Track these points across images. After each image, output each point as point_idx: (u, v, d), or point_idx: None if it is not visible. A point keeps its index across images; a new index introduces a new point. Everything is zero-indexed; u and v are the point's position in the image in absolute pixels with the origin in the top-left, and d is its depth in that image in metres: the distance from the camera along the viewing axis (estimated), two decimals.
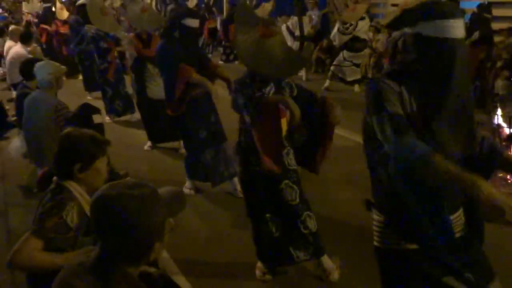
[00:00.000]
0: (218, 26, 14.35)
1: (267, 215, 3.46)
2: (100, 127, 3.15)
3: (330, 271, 3.56)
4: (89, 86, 9.51)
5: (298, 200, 3.43)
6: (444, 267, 2.04)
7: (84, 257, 1.60)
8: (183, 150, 5.99)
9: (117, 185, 1.54)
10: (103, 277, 1.50)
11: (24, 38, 8.77)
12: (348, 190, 5.23)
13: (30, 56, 7.55)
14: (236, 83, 3.39)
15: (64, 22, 11.58)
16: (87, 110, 3.27)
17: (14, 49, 8.76)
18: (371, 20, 10.65)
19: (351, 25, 9.98)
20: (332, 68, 10.32)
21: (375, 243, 2.24)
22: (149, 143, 6.74)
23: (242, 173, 3.54)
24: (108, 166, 2.43)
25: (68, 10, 11.69)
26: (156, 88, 6.12)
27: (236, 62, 11.77)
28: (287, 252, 3.48)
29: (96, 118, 3.23)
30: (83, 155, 2.27)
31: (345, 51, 10.01)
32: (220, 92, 4.76)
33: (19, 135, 5.33)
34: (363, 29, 9.92)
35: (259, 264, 3.65)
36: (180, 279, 3.58)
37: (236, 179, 5.00)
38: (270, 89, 3.37)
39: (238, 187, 4.90)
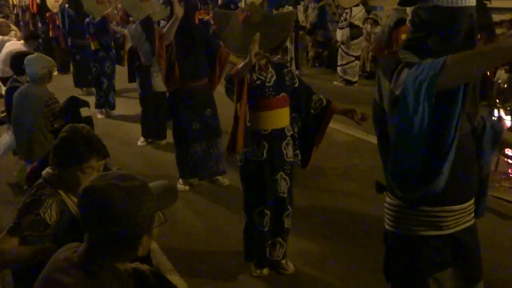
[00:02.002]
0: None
1: (262, 207, 3.41)
2: (88, 121, 3.04)
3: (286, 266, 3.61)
4: (79, 81, 9.36)
5: (286, 194, 3.42)
6: (441, 260, 2.05)
7: (70, 252, 1.55)
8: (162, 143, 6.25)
9: (106, 175, 1.50)
10: (90, 272, 1.46)
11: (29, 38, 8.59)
12: (346, 184, 5.21)
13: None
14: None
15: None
16: (75, 104, 3.16)
17: (8, 44, 8.61)
18: (368, 12, 10.56)
19: (346, 13, 9.95)
20: (338, 69, 10.25)
21: (387, 227, 2.17)
22: (142, 139, 6.65)
23: (242, 164, 3.46)
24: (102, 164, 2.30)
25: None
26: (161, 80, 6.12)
27: None
28: (265, 248, 3.50)
29: (84, 112, 3.12)
30: (64, 156, 2.16)
31: (341, 45, 9.98)
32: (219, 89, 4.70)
33: (8, 131, 5.23)
34: (357, 15, 9.89)
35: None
36: (173, 276, 3.52)
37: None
38: (271, 77, 3.34)
39: (221, 178, 5.15)
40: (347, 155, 5.97)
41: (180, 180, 5.13)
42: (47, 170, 2.23)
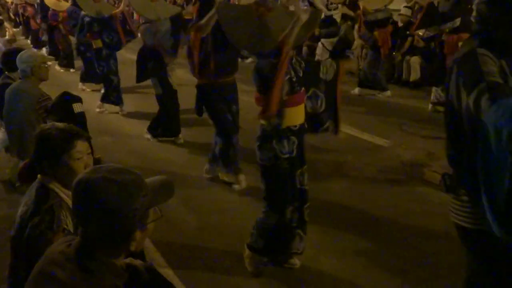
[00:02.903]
0: None
1: (287, 204, 3.41)
2: (81, 116, 3.04)
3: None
4: (88, 77, 9.34)
5: (308, 186, 3.49)
6: None
7: (65, 245, 1.54)
8: (180, 141, 6.31)
9: (99, 169, 1.49)
10: (84, 266, 1.46)
11: None
12: (339, 181, 5.21)
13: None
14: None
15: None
16: (67, 99, 3.14)
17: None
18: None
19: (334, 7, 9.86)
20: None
21: (464, 224, 2.15)
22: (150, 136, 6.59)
23: (264, 160, 3.40)
24: (92, 158, 2.28)
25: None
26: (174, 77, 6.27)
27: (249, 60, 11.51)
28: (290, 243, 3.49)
29: (77, 107, 3.11)
30: (48, 150, 2.13)
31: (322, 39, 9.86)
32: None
33: (0, 128, 5.20)
34: (337, 14, 9.70)
35: (254, 257, 3.55)
36: (167, 272, 3.51)
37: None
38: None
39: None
40: (339, 153, 5.97)
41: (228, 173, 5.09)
42: (41, 176, 2.18)
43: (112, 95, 7.88)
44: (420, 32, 8.37)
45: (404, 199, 4.70)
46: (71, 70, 11.25)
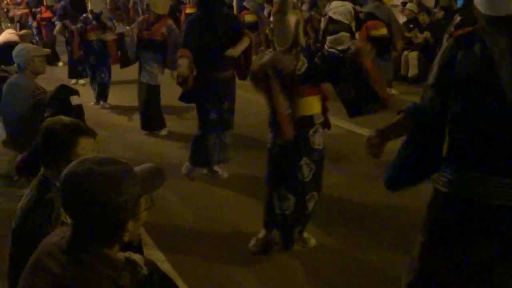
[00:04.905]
0: None
1: (283, 190, 3.50)
2: (79, 109, 3.04)
3: (307, 241, 3.75)
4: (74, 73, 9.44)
5: (310, 177, 3.49)
6: None
7: (59, 237, 1.54)
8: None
9: (85, 160, 1.46)
10: (76, 257, 1.45)
11: None
12: (335, 175, 5.20)
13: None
14: None
15: (48, 7, 11.42)
16: (65, 92, 3.14)
17: None
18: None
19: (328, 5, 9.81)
20: None
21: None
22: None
23: (271, 145, 3.54)
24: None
25: None
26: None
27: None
28: (290, 234, 3.61)
29: (74, 100, 3.11)
30: (53, 145, 2.12)
31: (327, 37, 9.80)
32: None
33: None
34: (337, 10, 9.60)
35: (259, 235, 3.72)
36: (165, 266, 3.51)
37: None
38: (302, 65, 3.37)
39: (220, 171, 5.13)
40: (337, 147, 5.98)
41: (187, 164, 5.13)
42: (44, 169, 2.17)
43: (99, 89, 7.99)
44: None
45: (400, 194, 4.68)
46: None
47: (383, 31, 8.24)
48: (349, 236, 3.97)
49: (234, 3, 14.92)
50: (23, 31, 8.39)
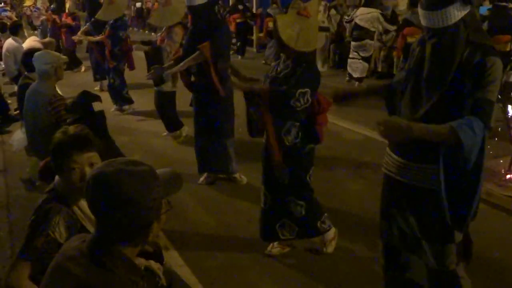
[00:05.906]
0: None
1: (263, 187, 3.63)
2: (101, 115, 3.06)
3: (326, 243, 3.75)
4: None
5: (286, 181, 3.51)
6: None
7: (80, 241, 1.55)
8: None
9: (114, 162, 1.49)
10: (98, 260, 1.46)
11: (12, 30, 8.86)
12: (357, 182, 5.18)
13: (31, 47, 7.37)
14: None
15: (69, 13, 11.57)
16: (87, 98, 3.17)
17: (6, 42, 8.74)
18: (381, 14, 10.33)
19: (352, 11, 9.83)
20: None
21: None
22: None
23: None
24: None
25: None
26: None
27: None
28: (273, 229, 3.64)
29: (97, 106, 3.14)
30: (52, 154, 2.16)
31: (352, 42, 9.85)
32: None
33: (21, 128, 5.27)
34: (363, 16, 9.48)
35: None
36: (185, 270, 3.54)
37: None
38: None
39: (239, 176, 5.17)
40: (358, 154, 5.95)
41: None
42: (57, 179, 2.22)
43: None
44: None
45: None
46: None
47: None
48: (369, 243, 3.92)
49: (254, 9, 14.98)
50: (47, 39, 8.57)
